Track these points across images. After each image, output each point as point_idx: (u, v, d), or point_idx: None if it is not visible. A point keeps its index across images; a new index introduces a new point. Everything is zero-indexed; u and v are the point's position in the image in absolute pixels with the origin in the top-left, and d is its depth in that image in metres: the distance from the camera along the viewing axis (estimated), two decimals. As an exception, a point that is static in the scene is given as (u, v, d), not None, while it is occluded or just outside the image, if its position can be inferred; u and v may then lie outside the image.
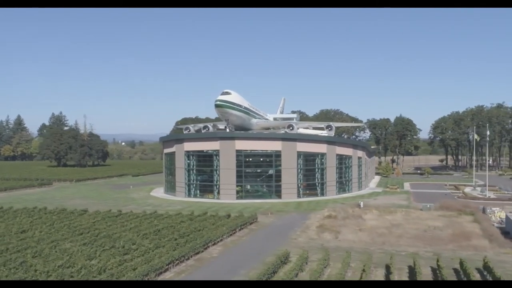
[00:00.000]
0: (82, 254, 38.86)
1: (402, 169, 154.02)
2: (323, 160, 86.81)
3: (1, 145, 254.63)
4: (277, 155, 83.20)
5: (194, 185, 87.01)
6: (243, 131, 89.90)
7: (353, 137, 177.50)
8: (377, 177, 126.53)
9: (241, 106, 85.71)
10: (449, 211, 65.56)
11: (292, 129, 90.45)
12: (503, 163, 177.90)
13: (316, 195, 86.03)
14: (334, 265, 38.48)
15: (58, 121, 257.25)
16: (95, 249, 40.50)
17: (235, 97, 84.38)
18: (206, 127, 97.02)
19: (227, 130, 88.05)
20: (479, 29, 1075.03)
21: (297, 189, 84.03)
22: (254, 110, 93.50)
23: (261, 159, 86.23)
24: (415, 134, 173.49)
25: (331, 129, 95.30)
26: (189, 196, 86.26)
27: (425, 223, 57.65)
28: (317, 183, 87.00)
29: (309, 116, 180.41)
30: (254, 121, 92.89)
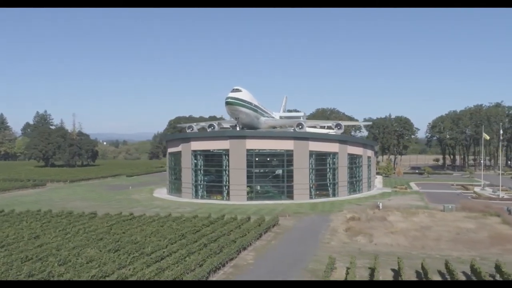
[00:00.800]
0: (114, 262, 35.39)
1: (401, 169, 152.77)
2: (335, 160, 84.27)
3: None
4: (289, 155, 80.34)
5: (201, 186, 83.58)
6: (252, 129, 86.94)
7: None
8: (379, 177, 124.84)
9: (251, 104, 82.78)
10: (472, 212, 63.83)
11: (302, 127, 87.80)
12: (499, 162, 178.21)
13: (328, 195, 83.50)
14: (383, 271, 36.05)
15: (43, 120, 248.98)
16: (125, 257, 37.09)
17: (246, 94, 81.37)
18: (212, 125, 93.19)
19: (237, 129, 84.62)
20: (477, 29, 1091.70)
21: (309, 189, 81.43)
22: (263, 108, 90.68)
23: (273, 158, 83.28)
24: (413, 134, 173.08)
25: (340, 127, 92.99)
26: (196, 197, 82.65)
27: (454, 225, 55.70)
28: (328, 183, 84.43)
29: (306, 115, 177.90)
30: (263, 119, 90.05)
